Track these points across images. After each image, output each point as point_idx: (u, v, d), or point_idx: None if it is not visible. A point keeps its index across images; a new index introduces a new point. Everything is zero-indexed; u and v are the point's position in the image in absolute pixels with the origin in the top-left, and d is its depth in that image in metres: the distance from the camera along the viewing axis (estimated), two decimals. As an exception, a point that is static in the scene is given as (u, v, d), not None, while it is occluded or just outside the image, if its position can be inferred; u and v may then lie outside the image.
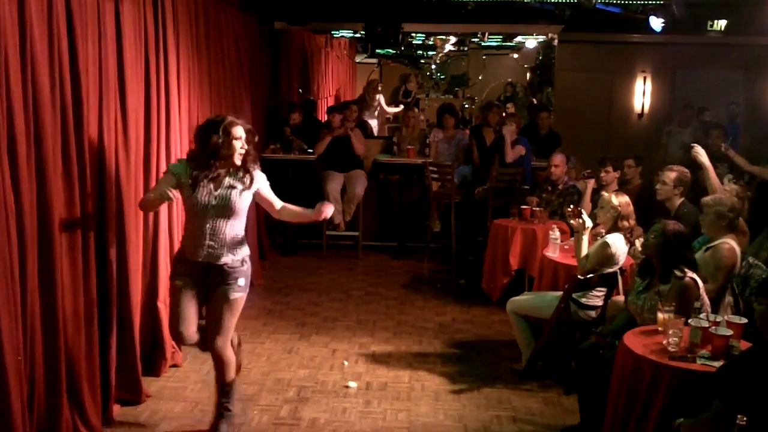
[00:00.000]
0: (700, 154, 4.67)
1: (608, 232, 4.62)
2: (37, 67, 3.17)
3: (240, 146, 3.71)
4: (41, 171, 3.24)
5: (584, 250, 4.59)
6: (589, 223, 4.67)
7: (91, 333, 3.69)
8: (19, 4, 3.06)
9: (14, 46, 3.02)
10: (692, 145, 4.85)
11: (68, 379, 3.48)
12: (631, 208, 4.65)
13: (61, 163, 3.41)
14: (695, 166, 5.85)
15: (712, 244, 4.22)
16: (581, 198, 6.35)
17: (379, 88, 10.87)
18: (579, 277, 4.53)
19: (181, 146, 5.01)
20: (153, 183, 4.46)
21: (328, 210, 3.93)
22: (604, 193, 4.93)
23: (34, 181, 3.19)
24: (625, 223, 4.59)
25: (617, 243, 4.52)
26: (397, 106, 11.25)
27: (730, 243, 4.20)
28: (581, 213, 4.66)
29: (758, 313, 3.02)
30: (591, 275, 4.54)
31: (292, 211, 4.02)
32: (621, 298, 4.53)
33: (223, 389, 3.92)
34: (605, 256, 4.50)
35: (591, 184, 6.25)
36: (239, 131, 3.72)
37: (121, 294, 4.05)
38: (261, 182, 3.87)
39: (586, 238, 4.63)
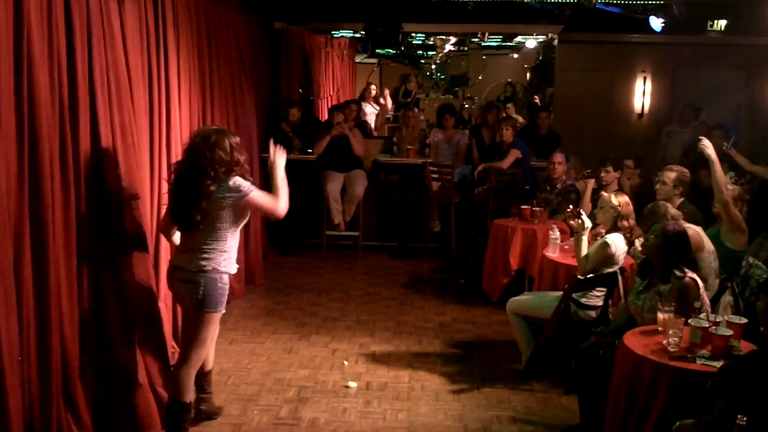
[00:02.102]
0: (707, 146, 4.68)
1: (608, 232, 4.62)
2: (35, 68, 3.17)
3: None
4: (36, 172, 3.22)
5: (584, 251, 4.60)
6: (588, 224, 4.67)
7: (87, 333, 3.68)
8: (15, 4, 3.05)
9: (8, 45, 3.01)
10: (700, 138, 4.87)
11: (63, 379, 3.47)
12: (631, 207, 4.66)
13: (59, 164, 3.39)
14: (695, 166, 5.86)
15: None
16: (579, 197, 6.36)
17: (372, 93, 10.88)
18: (579, 277, 4.53)
19: (181, 147, 5.01)
20: (156, 182, 4.47)
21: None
22: (604, 193, 4.93)
23: (26, 182, 3.17)
24: (625, 223, 4.59)
25: (617, 243, 4.52)
26: (396, 109, 11.32)
27: (691, 227, 4.27)
28: (580, 213, 4.67)
29: (759, 309, 3.03)
30: (591, 275, 4.54)
31: None
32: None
33: None
34: (605, 256, 4.50)
35: (591, 184, 6.26)
36: None
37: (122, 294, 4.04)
38: None
39: (585, 239, 4.63)
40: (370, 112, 10.59)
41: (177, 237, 3.86)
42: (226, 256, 3.66)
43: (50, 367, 3.35)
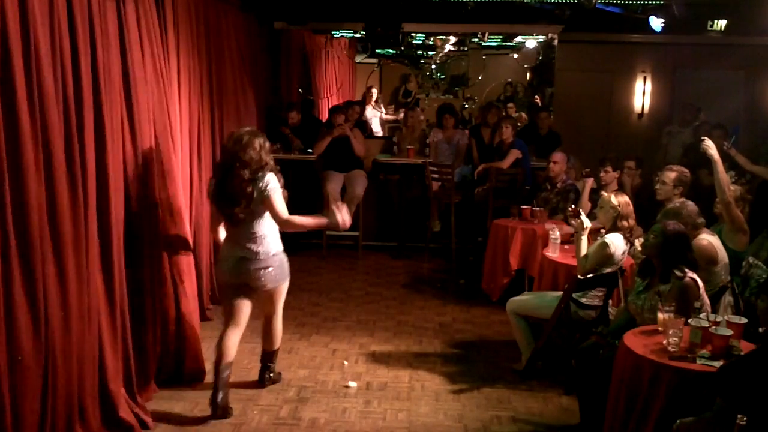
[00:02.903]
0: (710, 147, 4.67)
1: (608, 232, 4.62)
2: (42, 68, 3.17)
3: None
4: (50, 171, 3.24)
5: (583, 250, 4.60)
6: (587, 224, 4.67)
7: (92, 333, 3.68)
8: (20, 4, 3.05)
9: (17, 47, 3.02)
10: (702, 138, 4.87)
11: (78, 380, 3.49)
12: (631, 207, 4.65)
13: (65, 163, 3.40)
14: (696, 166, 5.86)
15: None
16: (579, 197, 6.35)
17: (374, 96, 10.83)
18: (579, 277, 4.53)
19: (181, 146, 5.01)
20: (157, 181, 4.48)
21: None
22: (604, 193, 4.93)
23: (42, 181, 3.19)
24: (624, 223, 4.58)
25: (616, 243, 4.52)
26: (396, 109, 11.29)
27: (706, 239, 4.24)
28: (580, 213, 4.67)
29: (760, 310, 3.03)
30: (591, 275, 4.54)
31: None
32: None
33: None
34: (605, 256, 4.51)
35: (589, 183, 6.26)
36: None
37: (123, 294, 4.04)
38: None
39: (585, 238, 4.64)
40: (371, 115, 10.54)
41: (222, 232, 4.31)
42: (277, 236, 4.28)
43: (71, 367, 3.39)
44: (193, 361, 4.60)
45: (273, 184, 4.02)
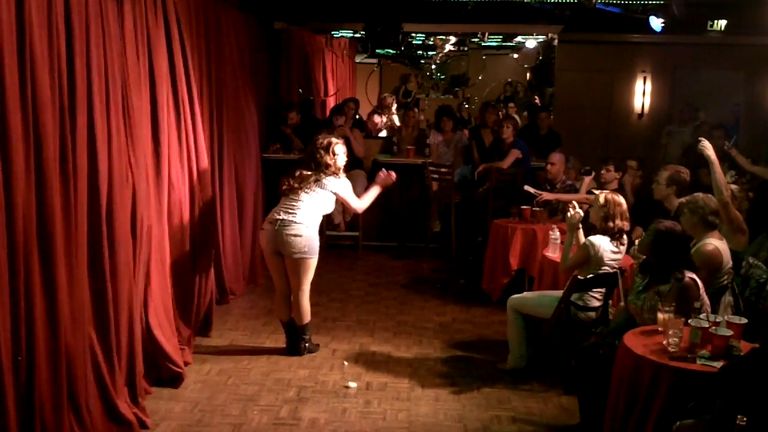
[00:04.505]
0: (707, 147, 4.65)
1: (598, 231, 4.61)
2: (37, 68, 3.16)
3: None
4: (41, 171, 3.22)
5: (569, 249, 4.65)
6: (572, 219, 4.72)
7: (90, 333, 3.68)
8: (17, 4, 3.05)
9: (11, 45, 3.00)
10: (699, 138, 4.86)
11: (68, 380, 3.47)
12: (622, 208, 4.56)
13: (59, 164, 3.39)
14: (696, 166, 5.86)
15: (695, 246, 4.18)
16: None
17: (394, 107, 10.73)
18: (579, 277, 4.52)
19: (180, 147, 5.00)
20: (161, 180, 4.47)
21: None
22: (594, 191, 4.95)
23: (32, 181, 3.17)
24: (610, 224, 4.53)
25: (598, 244, 4.50)
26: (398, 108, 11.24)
27: (712, 243, 4.16)
28: (574, 206, 4.73)
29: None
30: (591, 275, 4.53)
31: None
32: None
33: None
34: (585, 256, 4.52)
35: (587, 181, 6.26)
36: None
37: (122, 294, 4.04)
38: None
39: (572, 235, 4.70)
40: (381, 125, 10.30)
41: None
42: (317, 225, 4.97)
43: (60, 368, 3.36)
44: (167, 367, 4.51)
45: (331, 184, 4.97)
